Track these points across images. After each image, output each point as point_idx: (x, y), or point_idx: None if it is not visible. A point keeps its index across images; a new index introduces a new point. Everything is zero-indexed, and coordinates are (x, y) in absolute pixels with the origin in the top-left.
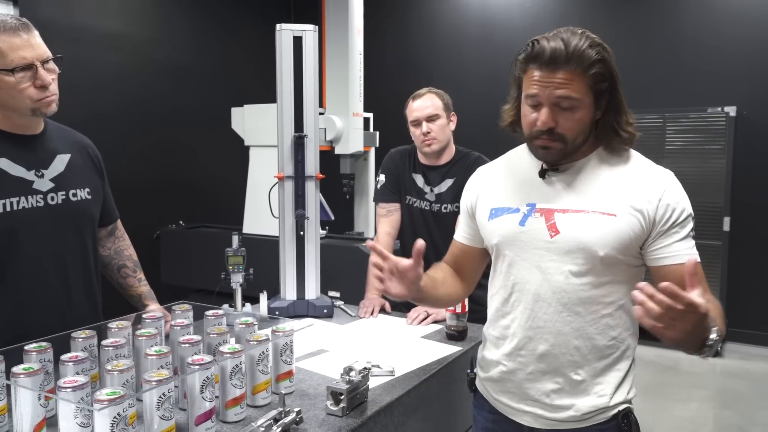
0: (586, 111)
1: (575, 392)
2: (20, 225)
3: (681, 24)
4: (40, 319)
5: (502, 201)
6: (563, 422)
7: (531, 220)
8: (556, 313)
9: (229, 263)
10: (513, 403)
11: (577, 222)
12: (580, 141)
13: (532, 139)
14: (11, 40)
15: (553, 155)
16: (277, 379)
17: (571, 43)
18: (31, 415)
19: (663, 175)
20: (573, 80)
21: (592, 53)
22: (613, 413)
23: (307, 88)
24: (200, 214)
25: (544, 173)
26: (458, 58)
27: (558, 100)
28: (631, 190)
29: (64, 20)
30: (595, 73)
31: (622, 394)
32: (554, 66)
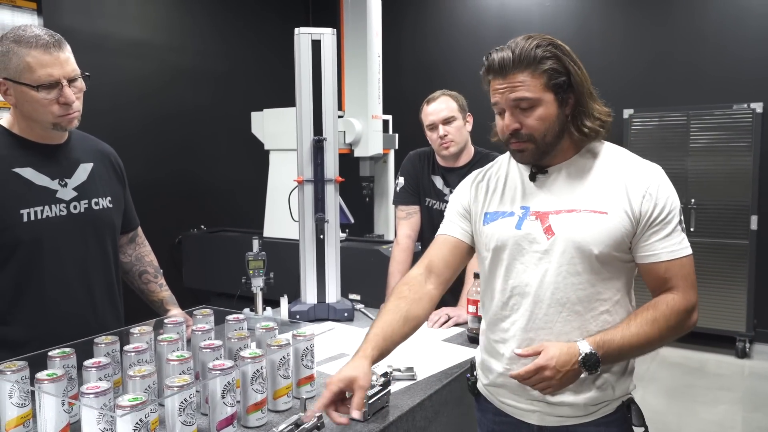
0: (548, 108)
1: (579, 389)
2: (44, 234)
3: (705, 19)
4: (63, 326)
5: (496, 205)
6: (569, 418)
7: (527, 223)
8: (556, 313)
9: (249, 267)
10: (519, 404)
11: (570, 222)
12: (551, 138)
13: (507, 144)
14: (41, 57)
15: (528, 156)
16: (298, 384)
17: (517, 48)
18: (55, 420)
19: (648, 170)
20: (525, 81)
21: (540, 52)
22: (617, 405)
23: (326, 92)
24: (221, 219)
25: (534, 176)
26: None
27: (516, 103)
28: (618, 186)
29: (86, 28)
30: (547, 69)
31: (625, 385)
32: (505, 72)
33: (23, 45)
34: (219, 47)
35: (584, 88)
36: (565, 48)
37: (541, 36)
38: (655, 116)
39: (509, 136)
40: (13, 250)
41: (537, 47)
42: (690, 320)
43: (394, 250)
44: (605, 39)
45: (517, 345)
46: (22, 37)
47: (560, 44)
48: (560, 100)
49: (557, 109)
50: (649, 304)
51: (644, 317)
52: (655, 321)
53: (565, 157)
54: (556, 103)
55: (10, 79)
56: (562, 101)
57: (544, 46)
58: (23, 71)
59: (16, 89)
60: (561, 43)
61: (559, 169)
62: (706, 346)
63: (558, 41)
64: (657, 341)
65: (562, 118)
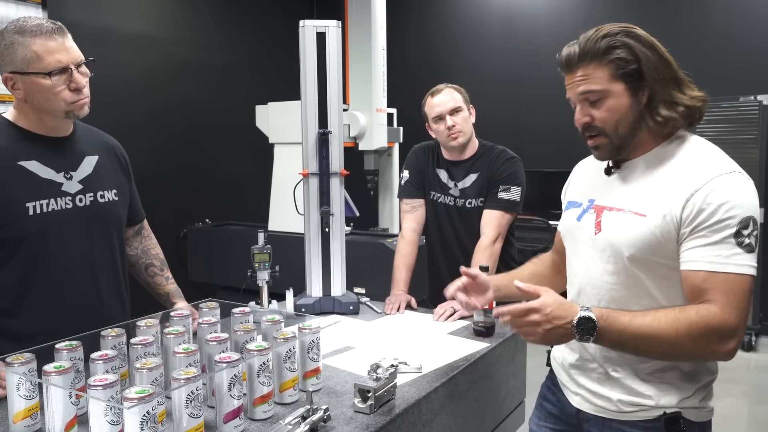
0: (618, 98)
1: (616, 386)
2: (50, 227)
3: (711, 12)
4: (70, 319)
5: (575, 195)
6: (606, 410)
7: (586, 216)
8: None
9: (255, 261)
10: (567, 384)
11: (614, 221)
12: (625, 130)
13: (584, 140)
14: (47, 43)
15: (605, 152)
16: (305, 377)
17: (581, 42)
18: (62, 413)
19: (706, 173)
20: (590, 74)
21: (605, 43)
22: (657, 414)
23: (331, 85)
24: (226, 212)
25: (609, 170)
26: (482, 53)
27: (584, 96)
28: (665, 188)
29: (91, 22)
30: (614, 59)
31: (672, 398)
32: (571, 67)
33: (27, 35)
34: (223, 40)
35: (661, 75)
36: (640, 34)
37: (613, 25)
38: None
39: (583, 132)
40: (20, 244)
41: (604, 37)
42: (724, 345)
43: (399, 244)
44: None
45: None
46: (25, 28)
47: (634, 31)
48: (633, 89)
49: (629, 98)
50: (679, 306)
51: (666, 314)
52: (675, 322)
53: (644, 151)
54: (628, 93)
55: (17, 72)
56: (635, 90)
57: (612, 35)
58: (31, 61)
59: (25, 81)
60: (636, 29)
61: (635, 164)
62: None
63: (633, 28)
64: (670, 345)
65: (637, 108)
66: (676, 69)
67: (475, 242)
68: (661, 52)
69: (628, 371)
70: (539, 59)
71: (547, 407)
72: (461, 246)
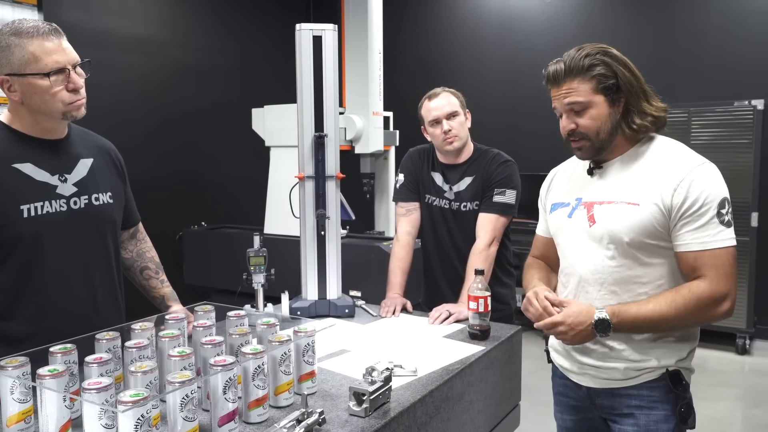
0: (599, 108)
1: (619, 357)
2: (44, 229)
3: (706, 17)
4: (64, 322)
5: (560, 197)
6: (614, 381)
7: (577, 212)
8: (596, 291)
9: (250, 264)
10: (572, 368)
11: (608, 212)
12: (605, 135)
13: (567, 143)
14: (44, 44)
15: (586, 152)
16: (300, 380)
17: (568, 59)
18: (56, 416)
19: (685, 165)
20: (576, 87)
21: (588, 61)
22: (661, 372)
23: (327, 88)
24: (222, 215)
25: (591, 171)
26: (478, 57)
27: (569, 107)
28: (653, 179)
29: (86, 24)
30: (596, 75)
31: (670, 359)
32: (558, 81)
33: (24, 36)
34: (220, 43)
35: (634, 89)
36: (616, 54)
37: (593, 45)
38: None
39: (568, 136)
40: (14, 246)
41: (586, 56)
42: (718, 309)
43: (395, 247)
44: (606, 37)
45: None
46: (21, 30)
47: (610, 51)
48: (611, 100)
49: (608, 108)
50: (675, 287)
51: (664, 297)
52: (673, 302)
53: (620, 152)
54: (607, 104)
55: (14, 73)
56: (613, 101)
57: (593, 54)
58: (28, 62)
59: (22, 83)
60: (612, 50)
61: (613, 163)
62: (706, 343)
63: (609, 48)
64: (673, 321)
65: (614, 117)
66: (644, 83)
67: (470, 246)
68: (633, 70)
69: (629, 343)
70: (535, 63)
71: (565, 401)
72: (456, 249)
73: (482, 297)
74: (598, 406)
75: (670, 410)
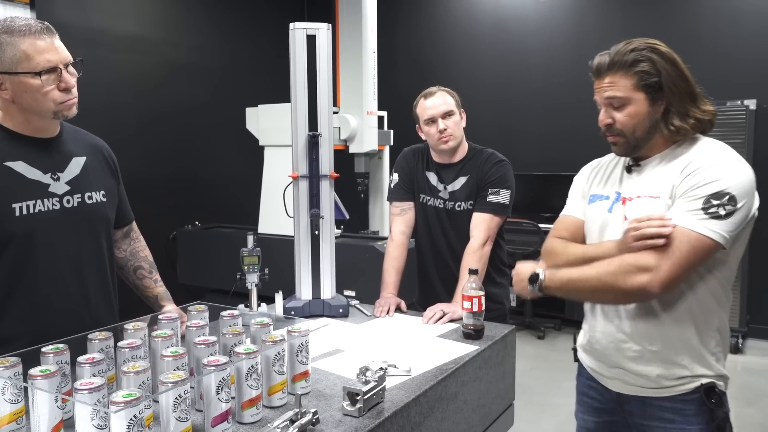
0: (638, 106)
1: (654, 360)
2: (37, 228)
3: (699, 17)
4: (57, 322)
5: (600, 189)
6: (644, 388)
7: (616, 207)
8: None
9: (244, 263)
10: (602, 370)
11: (635, 207)
12: (641, 133)
13: (604, 137)
14: (36, 43)
15: (621, 149)
16: (293, 380)
17: (613, 52)
18: (48, 417)
19: (703, 155)
20: (616, 82)
21: (633, 56)
22: (695, 385)
23: (321, 87)
24: (216, 215)
25: (629, 168)
26: (472, 56)
27: (608, 101)
28: (675, 170)
29: (79, 23)
30: (638, 71)
31: (706, 367)
32: (600, 74)
33: (16, 35)
34: (214, 42)
35: (678, 89)
36: (664, 51)
37: (642, 40)
38: None
39: (605, 130)
40: (6, 245)
41: (632, 51)
42: (636, 278)
43: (389, 247)
44: (600, 37)
45: (601, 314)
46: (13, 28)
47: (659, 48)
48: (651, 99)
49: (648, 107)
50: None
51: (599, 262)
52: (598, 265)
53: (659, 151)
54: (647, 102)
55: (5, 72)
56: (654, 100)
57: (639, 50)
58: (20, 61)
59: (13, 81)
60: (662, 46)
61: (651, 161)
62: None
63: (659, 45)
64: (594, 280)
65: (653, 116)
66: (693, 84)
67: (464, 245)
68: (681, 69)
69: (663, 343)
70: (529, 63)
71: (588, 402)
72: (451, 249)
73: (476, 296)
74: (627, 412)
75: (704, 425)
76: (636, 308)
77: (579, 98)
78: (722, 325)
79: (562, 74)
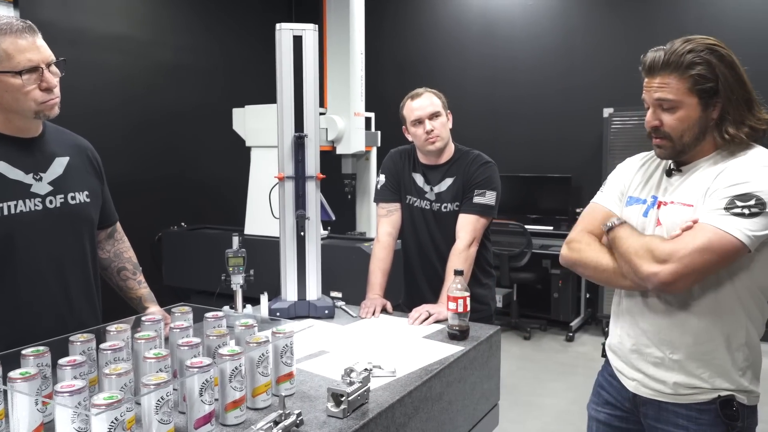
0: (689, 110)
1: (674, 368)
2: (18, 229)
3: (683, 20)
4: (39, 323)
5: (637, 191)
6: (661, 394)
7: (651, 211)
8: (655, 295)
9: (229, 264)
10: (624, 370)
11: (669, 213)
12: (689, 139)
13: (650, 137)
14: (18, 42)
15: (665, 152)
16: (278, 381)
17: (669, 50)
18: (28, 420)
19: (739, 161)
20: (669, 83)
21: (690, 57)
22: (712, 396)
23: (307, 88)
24: (202, 216)
25: (670, 173)
26: (460, 57)
27: (658, 102)
28: (712, 179)
29: (63, 22)
30: (694, 74)
31: (728, 381)
32: (653, 72)
33: None
34: (201, 43)
35: (735, 95)
36: (724, 54)
37: (701, 40)
38: (635, 115)
39: (650, 131)
40: None
41: (689, 52)
42: (650, 265)
43: (375, 248)
44: (586, 38)
45: (628, 317)
46: None
47: (719, 50)
48: (705, 104)
49: (700, 112)
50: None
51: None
52: (631, 238)
53: (703, 156)
54: (700, 107)
55: None
56: (707, 105)
57: (697, 51)
58: (1, 60)
59: None
60: (722, 48)
61: (694, 166)
62: None
63: (719, 46)
64: (624, 250)
65: (705, 122)
66: (751, 90)
67: (450, 246)
68: (740, 74)
69: (684, 353)
70: (516, 65)
71: (604, 395)
72: (437, 250)
73: (461, 297)
74: (642, 414)
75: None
76: (662, 314)
77: (566, 99)
78: (751, 340)
79: (549, 76)
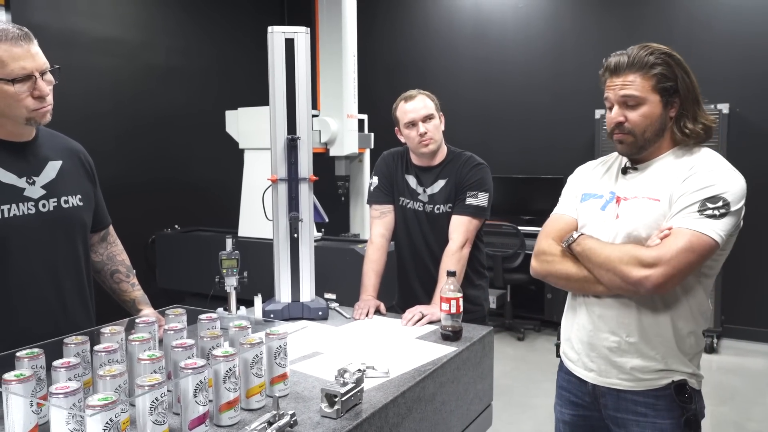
0: (653, 107)
1: (630, 351)
2: (12, 232)
3: (673, 21)
4: (33, 326)
5: (594, 188)
6: (619, 381)
7: (610, 206)
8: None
9: (222, 266)
10: (581, 363)
11: (631, 207)
12: (650, 135)
13: (611, 135)
14: (12, 49)
15: (627, 148)
16: (272, 382)
17: (632, 53)
18: (23, 422)
19: (703, 163)
20: (634, 81)
21: (652, 59)
22: (667, 381)
23: (300, 90)
24: (196, 218)
25: (625, 170)
26: (452, 59)
27: (623, 99)
28: (676, 177)
29: (56, 25)
30: (657, 74)
31: (680, 364)
32: (618, 72)
33: None
34: (193, 45)
35: (691, 95)
36: (678, 58)
37: (658, 46)
38: None
39: (614, 128)
40: None
41: (651, 54)
42: (637, 271)
43: (369, 249)
44: (577, 40)
45: (584, 305)
46: None
47: (673, 54)
48: (665, 102)
49: (661, 109)
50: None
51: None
52: (611, 247)
53: (658, 155)
54: (661, 105)
55: None
56: (667, 103)
57: (657, 53)
58: None
59: None
60: (675, 53)
61: (649, 164)
62: None
63: (672, 52)
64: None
65: (665, 119)
66: (699, 93)
67: (443, 248)
68: (692, 78)
69: (639, 335)
70: (508, 67)
71: (565, 395)
72: (430, 251)
73: (454, 298)
74: (602, 405)
75: (675, 420)
76: (617, 302)
77: (558, 101)
78: (698, 328)
79: (541, 77)
